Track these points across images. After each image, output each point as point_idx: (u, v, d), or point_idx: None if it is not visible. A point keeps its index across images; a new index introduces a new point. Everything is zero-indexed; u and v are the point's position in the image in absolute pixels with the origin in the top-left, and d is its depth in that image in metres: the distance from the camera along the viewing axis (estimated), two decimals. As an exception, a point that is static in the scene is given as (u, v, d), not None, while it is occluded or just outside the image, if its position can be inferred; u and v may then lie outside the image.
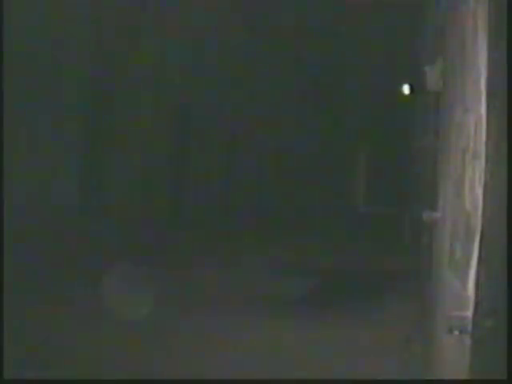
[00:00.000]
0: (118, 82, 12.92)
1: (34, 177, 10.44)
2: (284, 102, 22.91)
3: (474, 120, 3.36)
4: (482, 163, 2.98)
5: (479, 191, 3.02)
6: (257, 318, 9.07)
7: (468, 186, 3.48)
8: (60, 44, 11.02)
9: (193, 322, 8.71)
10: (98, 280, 11.13)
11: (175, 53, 15.04)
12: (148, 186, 14.04)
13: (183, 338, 7.92)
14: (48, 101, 10.75)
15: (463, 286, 3.34)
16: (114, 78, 12.84)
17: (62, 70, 11.08)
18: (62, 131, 11.17)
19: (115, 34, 12.65)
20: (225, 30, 17.85)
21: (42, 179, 10.64)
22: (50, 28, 10.77)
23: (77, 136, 11.64)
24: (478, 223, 3.00)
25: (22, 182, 10.14)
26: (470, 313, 2.97)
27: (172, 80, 14.96)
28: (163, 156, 14.76)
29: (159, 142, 14.55)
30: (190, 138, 16.30)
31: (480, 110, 3.11)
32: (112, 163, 12.76)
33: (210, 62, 16.97)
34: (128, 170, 13.21)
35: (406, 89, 12.37)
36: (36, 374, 6.20)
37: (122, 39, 12.92)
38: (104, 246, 12.20)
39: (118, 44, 12.79)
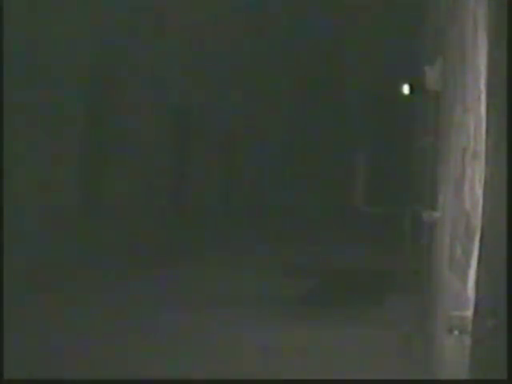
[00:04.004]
0: (118, 82, 12.92)
1: (34, 177, 10.44)
2: (284, 102, 22.91)
3: (473, 120, 3.36)
4: (481, 163, 2.98)
5: (479, 191, 3.02)
6: (257, 318, 9.07)
7: (468, 186, 3.49)
8: (60, 44, 11.02)
9: (193, 322, 8.71)
10: (98, 280, 11.13)
11: (175, 53, 15.04)
12: (148, 186, 14.04)
13: (183, 337, 7.92)
14: (48, 101, 10.76)
15: (463, 286, 3.35)
16: (114, 78, 12.84)
17: (62, 70, 11.08)
18: (61, 131, 11.17)
19: (115, 33, 12.65)
20: (225, 30, 17.85)
21: (41, 179, 10.64)
22: (50, 28, 10.77)
23: (77, 136, 11.64)
24: (478, 223, 3.00)
25: (22, 181, 10.14)
26: (469, 313, 2.97)
27: (172, 80, 14.96)
28: (163, 156, 14.76)
29: (159, 143, 14.56)
30: (190, 138, 16.31)
31: (480, 109, 3.11)
32: (112, 163, 12.76)
33: (210, 62, 16.97)
34: (128, 170, 13.21)
35: (405, 89, 12.35)
36: (36, 374, 6.20)
37: (122, 39, 12.93)
38: (104, 245, 12.20)
39: (118, 44, 12.79)
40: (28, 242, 10.21)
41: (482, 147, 2.99)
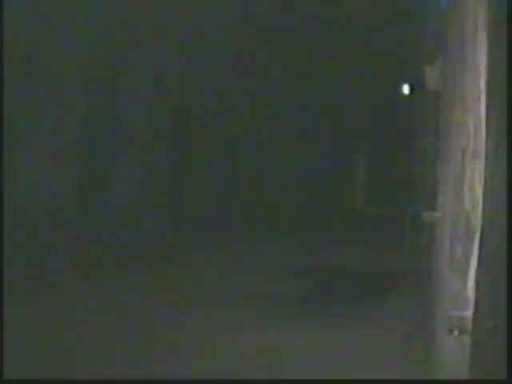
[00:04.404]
0: (118, 81, 12.92)
1: (34, 177, 10.44)
2: (284, 102, 22.91)
3: (473, 120, 3.36)
4: (481, 163, 2.98)
5: (479, 191, 3.02)
6: (256, 318, 9.07)
7: (468, 186, 3.49)
8: (60, 44, 11.02)
9: (193, 322, 8.71)
10: (99, 280, 11.13)
11: (175, 53, 15.04)
12: (148, 186, 14.04)
13: (183, 337, 7.92)
14: (48, 100, 10.75)
15: (463, 286, 3.34)
16: (114, 77, 12.84)
17: (61, 70, 11.08)
18: (62, 131, 11.17)
19: (115, 33, 12.65)
20: (225, 30, 17.85)
21: (42, 179, 10.64)
22: (50, 28, 10.77)
23: (77, 136, 11.64)
24: (478, 223, 3.00)
25: (22, 181, 10.14)
26: (469, 313, 2.97)
27: (172, 80, 14.96)
28: (163, 156, 14.76)
29: (159, 142, 14.56)
30: (190, 138, 16.31)
31: (480, 109, 3.11)
32: (112, 163, 12.76)
33: (210, 62, 16.97)
34: (128, 170, 13.21)
35: (405, 89, 12.34)
36: (36, 374, 6.20)
37: (122, 39, 12.92)
38: (104, 246, 12.20)
39: (118, 44, 12.79)
40: (28, 242, 10.21)
41: (481, 147, 2.99)
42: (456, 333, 3.08)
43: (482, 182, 2.93)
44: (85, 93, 11.85)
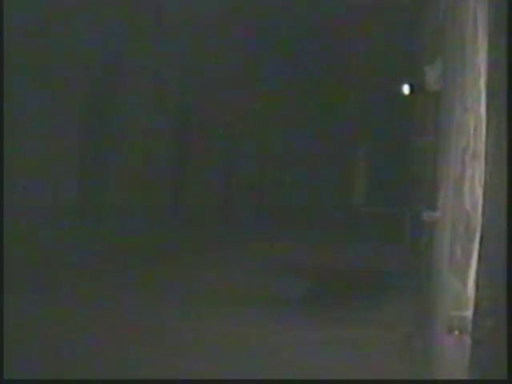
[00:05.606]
0: (118, 81, 12.92)
1: (34, 177, 10.44)
2: (284, 102, 22.91)
3: (473, 120, 3.36)
4: (481, 163, 2.98)
5: (479, 191, 3.02)
6: (257, 318, 9.07)
7: (468, 186, 3.48)
8: (60, 44, 11.02)
9: (192, 322, 8.70)
10: (98, 280, 11.12)
11: (175, 53, 15.04)
12: (148, 186, 14.04)
13: (183, 337, 7.92)
14: (48, 101, 10.76)
15: (463, 286, 3.34)
16: (114, 77, 12.84)
17: (62, 70, 11.08)
18: (61, 131, 11.17)
19: (115, 34, 12.65)
20: (225, 31, 17.85)
21: (42, 179, 10.64)
22: (51, 28, 10.77)
23: (77, 136, 11.64)
24: (477, 223, 3.00)
25: (22, 181, 10.14)
26: (469, 313, 2.97)
27: (172, 80, 14.96)
28: (163, 156, 14.76)
29: (159, 142, 14.56)
30: (190, 137, 16.30)
31: (480, 109, 3.10)
32: (112, 163, 12.76)
33: (209, 62, 16.97)
34: (128, 170, 13.21)
35: (405, 89, 12.33)
36: (36, 374, 6.20)
37: (122, 39, 12.92)
38: (104, 245, 12.20)
39: (118, 44, 12.79)
40: (28, 242, 10.21)
41: (481, 147, 2.99)
42: (456, 333, 3.08)
43: (482, 181, 2.93)
44: (85, 93, 11.85)
